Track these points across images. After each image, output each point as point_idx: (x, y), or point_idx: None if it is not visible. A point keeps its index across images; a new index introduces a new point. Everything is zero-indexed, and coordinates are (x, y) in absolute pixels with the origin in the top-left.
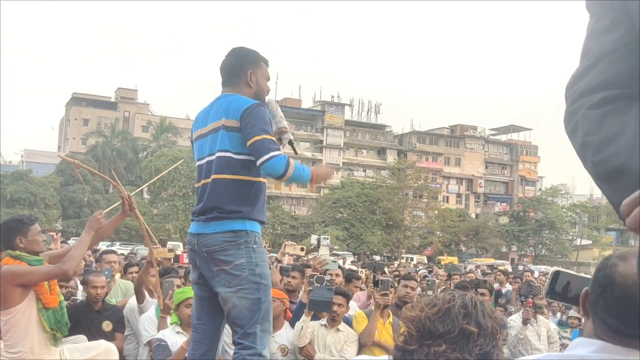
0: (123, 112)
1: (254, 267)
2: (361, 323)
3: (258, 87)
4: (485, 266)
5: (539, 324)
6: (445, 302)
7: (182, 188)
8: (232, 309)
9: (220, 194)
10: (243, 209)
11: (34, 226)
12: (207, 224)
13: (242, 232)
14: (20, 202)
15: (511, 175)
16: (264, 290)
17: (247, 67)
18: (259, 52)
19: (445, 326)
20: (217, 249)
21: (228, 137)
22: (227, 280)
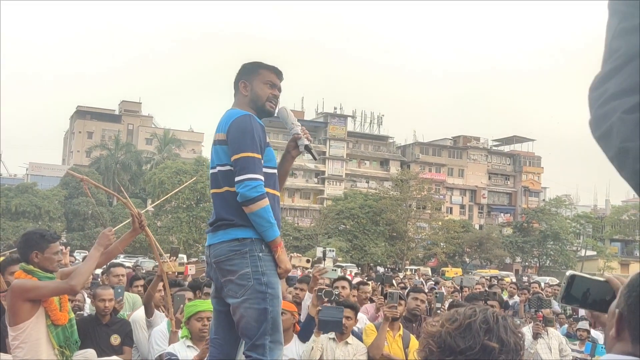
0: (127, 124)
1: (259, 276)
2: (371, 336)
3: (253, 94)
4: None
5: (550, 336)
6: (466, 318)
7: (186, 200)
8: (240, 319)
9: (224, 205)
10: (247, 217)
11: (53, 244)
12: (215, 234)
13: (247, 240)
14: (25, 215)
15: (514, 186)
16: (270, 300)
17: (241, 78)
18: (262, 62)
19: (466, 342)
20: (223, 259)
21: (222, 150)
22: (234, 290)
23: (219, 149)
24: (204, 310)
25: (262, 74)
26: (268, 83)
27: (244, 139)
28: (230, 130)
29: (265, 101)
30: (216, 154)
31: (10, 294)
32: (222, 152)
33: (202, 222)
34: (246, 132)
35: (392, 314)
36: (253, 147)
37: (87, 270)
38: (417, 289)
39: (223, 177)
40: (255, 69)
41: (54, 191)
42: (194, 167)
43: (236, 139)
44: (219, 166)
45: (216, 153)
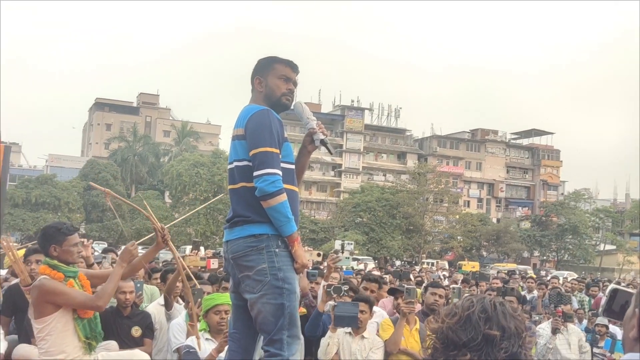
0: (145, 117)
1: (276, 271)
2: (387, 331)
3: (267, 89)
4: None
5: (570, 332)
6: (464, 310)
7: (204, 192)
8: (258, 315)
9: (240, 201)
10: (263, 213)
11: (71, 237)
12: (231, 230)
13: (263, 237)
14: (45, 206)
15: (533, 179)
16: (287, 295)
17: (255, 74)
18: (277, 57)
19: (467, 334)
20: (240, 255)
21: (241, 145)
22: (251, 286)
23: (237, 144)
24: (222, 303)
25: (276, 69)
26: (282, 77)
27: (262, 133)
28: (249, 126)
29: (280, 96)
30: (234, 149)
31: (37, 291)
32: (240, 147)
33: (219, 214)
34: (264, 126)
35: (410, 309)
36: (271, 142)
37: (112, 288)
38: (436, 284)
39: (240, 172)
40: (269, 64)
41: (73, 182)
42: (211, 159)
43: (254, 134)
44: (236, 161)
45: (234, 148)
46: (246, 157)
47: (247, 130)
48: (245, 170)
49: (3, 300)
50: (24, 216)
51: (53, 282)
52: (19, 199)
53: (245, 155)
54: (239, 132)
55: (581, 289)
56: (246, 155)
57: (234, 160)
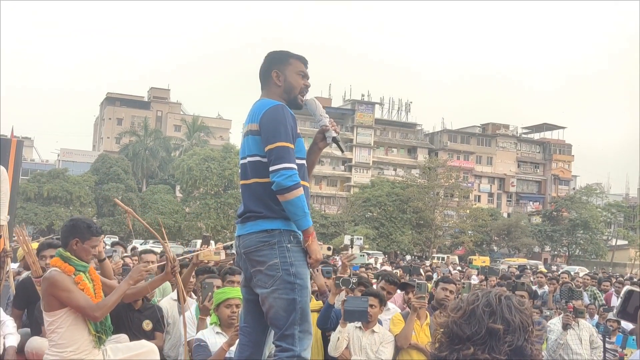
0: (156, 111)
1: (288, 266)
2: (398, 325)
3: (287, 84)
4: (515, 267)
5: (581, 327)
6: (469, 304)
7: (214, 187)
8: (269, 309)
9: (253, 196)
10: (275, 209)
11: (96, 238)
12: (244, 225)
13: (275, 232)
14: (57, 200)
15: (544, 174)
16: (299, 291)
17: (272, 67)
18: (289, 51)
19: (471, 328)
20: (252, 250)
21: (254, 141)
22: (263, 281)
23: (250, 139)
24: (233, 297)
25: (293, 64)
26: (300, 73)
27: (278, 128)
28: (263, 121)
29: (298, 93)
30: (247, 145)
31: (46, 283)
32: (252, 143)
33: (230, 208)
34: (279, 122)
35: (420, 304)
36: (286, 137)
37: (114, 302)
38: (447, 279)
39: (252, 168)
40: (286, 58)
41: (85, 177)
42: (222, 154)
43: (270, 129)
44: (248, 157)
45: (247, 143)
46: (259, 152)
47: (261, 125)
48: (258, 166)
49: (16, 293)
50: (36, 210)
51: (62, 276)
52: (31, 193)
53: (258, 150)
54: (253, 128)
55: (593, 284)
56: (259, 151)
57: (246, 156)
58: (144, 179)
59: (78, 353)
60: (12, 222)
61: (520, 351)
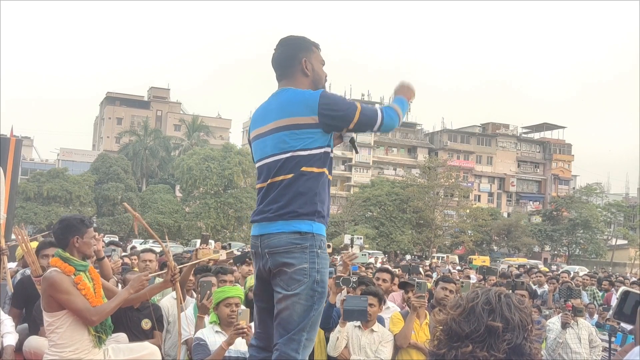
0: (155, 111)
1: (315, 273)
2: (397, 324)
3: (315, 74)
4: (515, 267)
5: (580, 326)
6: (469, 301)
7: (214, 186)
8: (283, 310)
9: (287, 194)
10: (311, 208)
11: (90, 229)
12: (272, 223)
13: (308, 235)
14: (56, 200)
15: (544, 174)
16: (318, 299)
17: (301, 55)
18: (307, 37)
19: (470, 325)
20: (281, 250)
21: (295, 135)
22: (286, 282)
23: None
24: (233, 296)
25: (315, 52)
26: (322, 62)
27: (343, 101)
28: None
29: (324, 83)
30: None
31: (46, 283)
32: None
33: (229, 208)
34: (337, 96)
35: (420, 304)
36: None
37: (112, 309)
38: (447, 279)
39: (295, 163)
40: (310, 46)
41: (85, 176)
42: (221, 153)
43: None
44: (293, 152)
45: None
46: (304, 146)
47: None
48: (299, 161)
49: (15, 292)
50: (35, 210)
51: (61, 277)
52: (31, 192)
53: (302, 145)
54: (301, 121)
55: (593, 283)
56: (305, 145)
57: (281, 152)
58: (143, 179)
59: (77, 353)
60: (11, 222)
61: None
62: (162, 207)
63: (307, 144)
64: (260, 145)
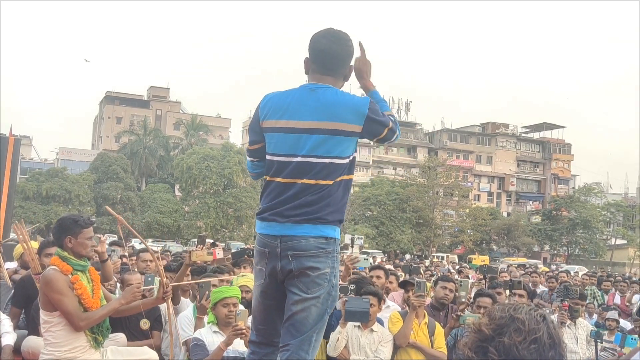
0: (155, 110)
1: (333, 278)
2: (396, 324)
3: (347, 80)
4: (515, 267)
5: (578, 326)
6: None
7: (213, 185)
8: (299, 312)
9: (320, 201)
10: (337, 212)
11: (87, 229)
12: (299, 225)
13: (332, 240)
14: (55, 199)
15: (544, 173)
16: (332, 302)
17: (350, 60)
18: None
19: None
20: (308, 254)
21: (338, 141)
22: (307, 286)
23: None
24: (231, 296)
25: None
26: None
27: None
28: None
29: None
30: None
31: (43, 281)
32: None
33: (229, 207)
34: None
35: (420, 303)
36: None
37: (100, 317)
38: (447, 278)
39: (334, 169)
40: (353, 52)
41: (84, 175)
42: (221, 152)
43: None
44: (335, 158)
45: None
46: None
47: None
48: (334, 169)
49: (15, 291)
50: (34, 209)
51: (57, 276)
52: (30, 192)
53: (341, 152)
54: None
55: (593, 283)
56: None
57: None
58: (143, 178)
59: (73, 352)
60: (9, 221)
61: None
62: (161, 206)
63: (345, 151)
64: (291, 140)
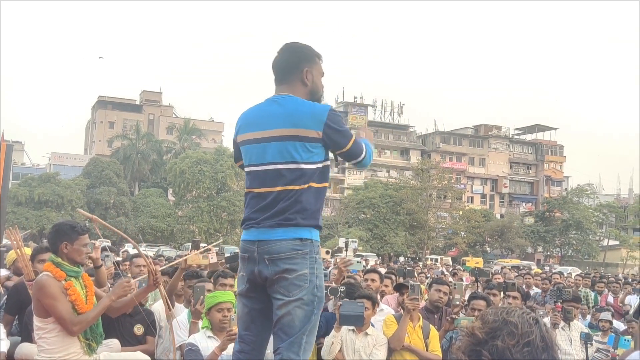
0: (148, 114)
1: (314, 278)
2: (391, 327)
3: (313, 85)
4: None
5: (572, 328)
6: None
7: (207, 190)
8: (285, 316)
9: (289, 203)
10: (310, 217)
11: (83, 236)
12: (273, 230)
13: (307, 241)
14: (48, 204)
15: (536, 175)
16: (318, 303)
17: (303, 64)
18: (312, 47)
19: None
20: (283, 257)
21: (301, 147)
22: (287, 289)
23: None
24: (225, 301)
25: (318, 64)
26: (322, 75)
27: (346, 132)
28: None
29: (321, 95)
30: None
31: (36, 287)
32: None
33: (222, 211)
34: (342, 119)
35: (414, 306)
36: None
37: (93, 318)
38: (441, 281)
39: (299, 175)
40: (314, 57)
41: (76, 181)
42: (214, 156)
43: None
44: (298, 163)
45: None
46: (307, 159)
47: (330, 130)
48: (300, 173)
49: (8, 298)
50: (27, 214)
51: (50, 282)
52: (22, 197)
53: (305, 157)
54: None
55: (586, 284)
56: (308, 158)
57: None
58: (135, 183)
59: (67, 358)
60: (2, 227)
61: None
62: (154, 211)
63: (312, 157)
64: (258, 150)
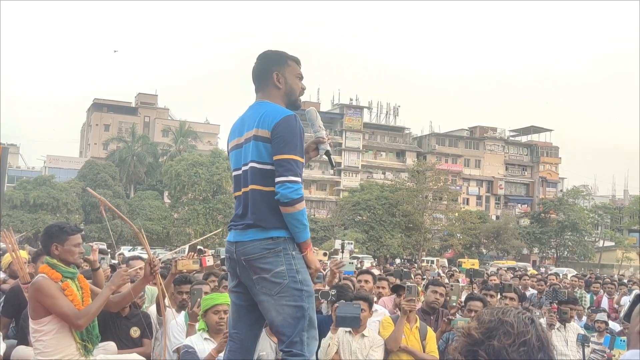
0: (143, 117)
1: (294, 274)
2: (388, 329)
3: (287, 87)
4: (504, 270)
5: (568, 329)
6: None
7: (203, 192)
8: (276, 317)
9: (257, 204)
10: (280, 218)
11: (74, 236)
12: (244, 231)
13: (280, 239)
14: (43, 207)
15: (532, 176)
16: (307, 297)
17: (272, 68)
18: (286, 52)
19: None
20: (256, 257)
21: (260, 147)
22: (268, 288)
23: (260, 145)
24: (221, 303)
25: (291, 66)
26: (298, 76)
27: (293, 141)
28: (278, 130)
29: (298, 96)
30: (253, 151)
31: (32, 289)
32: (264, 150)
33: (218, 214)
34: (295, 134)
35: (411, 307)
36: (300, 151)
37: (96, 309)
38: (437, 282)
39: (261, 175)
40: (285, 60)
41: (72, 183)
42: (210, 159)
43: (284, 140)
44: (258, 163)
45: (257, 150)
46: (268, 160)
47: (275, 133)
48: (269, 174)
49: (5, 301)
50: (22, 217)
51: (47, 282)
52: (18, 200)
53: (266, 158)
54: (262, 134)
55: (581, 285)
56: (269, 159)
57: (253, 162)
58: (131, 185)
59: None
60: None
61: None
62: (150, 213)
63: (269, 156)
64: (237, 156)
